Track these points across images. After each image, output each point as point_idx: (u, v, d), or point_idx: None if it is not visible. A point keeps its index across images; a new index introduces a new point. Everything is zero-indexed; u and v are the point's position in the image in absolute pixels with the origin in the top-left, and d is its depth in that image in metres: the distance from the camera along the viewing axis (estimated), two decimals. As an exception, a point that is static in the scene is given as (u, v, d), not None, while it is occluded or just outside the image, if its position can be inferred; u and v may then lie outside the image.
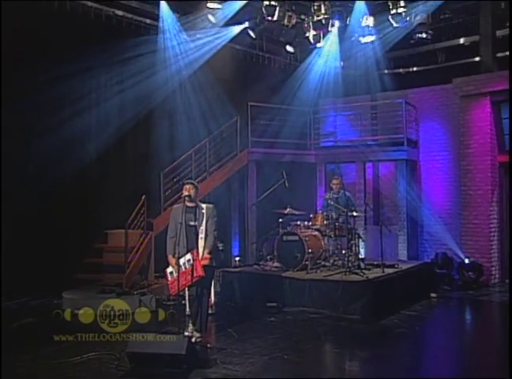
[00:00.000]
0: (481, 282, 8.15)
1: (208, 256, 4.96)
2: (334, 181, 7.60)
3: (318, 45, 9.26)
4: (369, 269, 6.94)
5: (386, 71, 9.98)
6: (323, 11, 8.57)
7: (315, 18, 8.72)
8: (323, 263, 7.17)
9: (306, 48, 9.65)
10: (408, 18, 8.38)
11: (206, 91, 8.80)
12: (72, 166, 7.31)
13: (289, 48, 9.41)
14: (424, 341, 5.42)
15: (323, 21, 8.72)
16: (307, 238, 7.05)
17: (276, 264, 7.31)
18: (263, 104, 9.48)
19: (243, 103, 9.32)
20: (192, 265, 4.76)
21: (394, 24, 8.49)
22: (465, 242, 8.63)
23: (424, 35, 8.60)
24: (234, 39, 9.06)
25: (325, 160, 9.99)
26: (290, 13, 8.45)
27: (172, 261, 4.91)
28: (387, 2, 8.30)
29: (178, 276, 4.75)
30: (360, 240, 7.53)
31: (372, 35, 8.88)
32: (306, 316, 6.18)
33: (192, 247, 4.91)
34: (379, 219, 9.08)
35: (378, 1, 8.55)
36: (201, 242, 4.96)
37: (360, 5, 8.64)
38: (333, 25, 8.98)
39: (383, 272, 6.82)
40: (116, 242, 7.21)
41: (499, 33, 8.70)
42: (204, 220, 5.01)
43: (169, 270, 4.99)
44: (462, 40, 9.43)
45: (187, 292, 5.43)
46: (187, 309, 5.55)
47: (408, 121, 9.35)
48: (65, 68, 6.69)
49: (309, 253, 6.90)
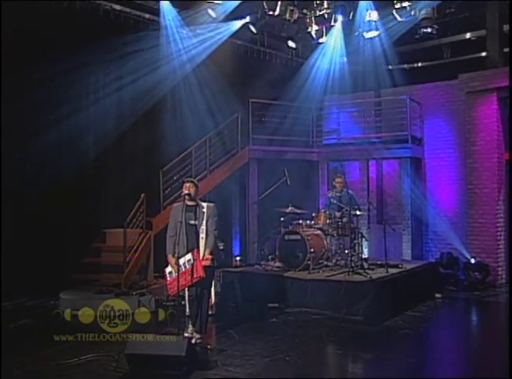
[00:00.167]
0: (487, 282, 8.13)
1: (209, 256, 4.96)
2: (337, 179, 7.59)
3: (321, 40, 9.23)
4: (372, 269, 6.94)
5: (390, 67, 9.94)
6: (326, 5, 8.56)
7: (318, 13, 8.70)
8: (325, 263, 7.17)
9: (308, 43, 9.61)
10: (413, 12, 8.34)
11: (206, 87, 8.80)
12: (70, 164, 7.32)
13: (291, 43, 9.37)
14: (429, 343, 5.41)
15: (326, 16, 8.70)
16: (309, 238, 7.04)
17: (277, 263, 7.31)
18: (264, 101, 9.47)
19: (244, 100, 9.31)
20: (192, 265, 4.75)
21: (399, 19, 8.46)
22: (471, 242, 8.61)
23: (429, 29, 8.55)
24: (234, 34, 9.04)
25: (327, 158, 9.98)
26: (292, 8, 8.42)
27: (172, 261, 4.90)
28: (391, -4, 8.28)
29: (177, 276, 4.74)
30: (363, 239, 7.51)
31: (376, 30, 8.85)
32: (308, 317, 6.18)
33: (192, 247, 4.90)
34: (383, 218, 9.04)
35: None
36: (202, 242, 4.96)
37: (364, -1, 8.61)
38: (336, 20, 8.94)
39: (387, 272, 6.82)
40: (115, 242, 7.22)
41: (506, 28, 8.64)
42: (204, 219, 5.00)
43: (168, 270, 4.98)
44: (468, 35, 9.38)
45: (187, 292, 5.46)
46: (187, 309, 5.58)
47: (413, 118, 9.34)
48: (62, 64, 6.67)
49: (311, 253, 6.89)
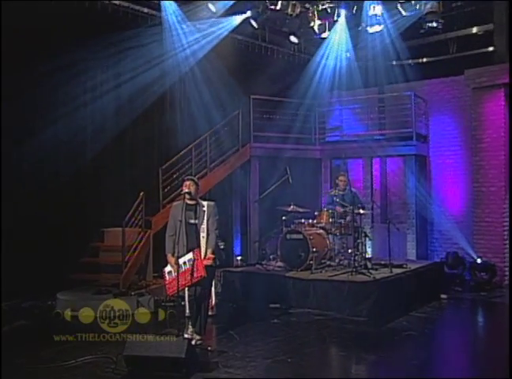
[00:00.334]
0: (494, 283, 8.11)
1: (211, 256, 4.96)
2: (340, 177, 7.59)
3: (324, 35, 9.19)
4: (376, 269, 6.93)
5: (395, 62, 9.90)
6: (329, -1, 8.52)
7: (320, 7, 8.67)
8: (328, 262, 7.17)
9: (310, 39, 9.57)
10: (418, 6, 8.30)
11: (207, 83, 8.78)
12: (68, 162, 7.33)
13: (293, 39, 9.34)
14: (434, 344, 5.40)
15: (329, 10, 8.67)
16: (312, 237, 7.03)
17: (279, 263, 7.31)
18: (266, 97, 9.45)
19: (245, 96, 9.29)
20: (193, 265, 4.74)
21: (403, 13, 8.43)
22: (477, 241, 8.59)
23: (435, 23, 8.50)
24: (235, 30, 9.01)
25: (330, 156, 9.96)
26: (294, 2, 8.39)
27: (171, 260, 4.90)
28: (396, -10, 8.25)
29: (177, 276, 4.73)
30: (367, 239, 7.52)
31: (380, 24, 8.81)
32: (310, 317, 6.17)
33: (192, 246, 4.90)
34: (387, 216, 9.03)
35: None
36: (203, 242, 4.95)
37: (368, -8, 8.57)
38: (339, 15, 8.91)
39: (391, 272, 6.82)
40: (113, 241, 7.22)
41: (514, 22, 8.61)
42: (205, 218, 5.00)
43: (167, 269, 4.98)
44: (475, 29, 9.31)
45: (187, 293, 5.45)
46: (187, 310, 5.58)
47: (418, 114, 9.31)
48: (59, 61, 6.65)
49: (313, 252, 6.89)
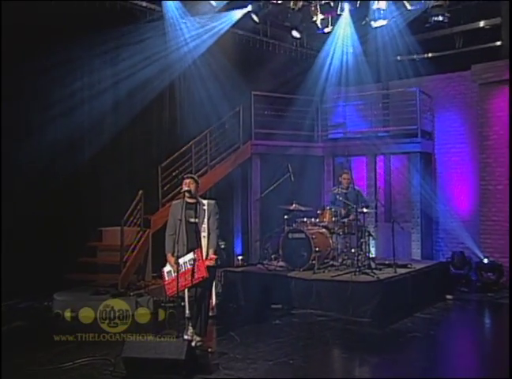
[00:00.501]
0: (501, 283, 8.07)
1: (213, 256, 4.95)
2: (344, 175, 7.57)
3: (326, 30, 9.16)
4: (380, 269, 6.92)
5: (399, 57, 9.87)
6: (332, -7, 8.49)
7: (323, 1, 8.63)
8: (331, 262, 7.16)
9: (313, 33, 9.54)
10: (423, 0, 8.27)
11: (207, 79, 8.75)
12: (64, 160, 7.31)
13: (295, 33, 9.32)
14: (439, 346, 5.38)
15: (331, 4, 8.63)
16: (314, 236, 7.02)
17: (281, 263, 7.30)
18: (267, 93, 9.43)
19: (246, 92, 9.28)
20: (193, 265, 4.73)
21: (408, 7, 8.39)
22: (484, 241, 8.57)
23: (441, 18, 8.46)
24: (236, 24, 8.98)
25: (333, 153, 9.94)
26: (296, -4, 8.37)
27: (171, 260, 4.89)
28: (400, -17, 8.21)
29: (177, 276, 4.72)
30: (371, 238, 7.52)
31: (384, 18, 8.78)
32: (313, 318, 6.17)
33: (192, 245, 4.89)
34: (391, 215, 9.03)
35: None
36: (204, 241, 4.95)
37: (371, -14, 8.54)
38: (343, 9, 8.88)
39: (395, 273, 6.81)
40: (111, 240, 7.21)
41: (522, 16, 8.57)
42: (205, 217, 4.99)
43: (166, 269, 4.97)
44: (482, 23, 9.25)
45: (187, 293, 5.43)
46: (187, 311, 5.55)
47: (423, 111, 9.28)
48: (55, 58, 6.66)
49: (316, 252, 6.88)
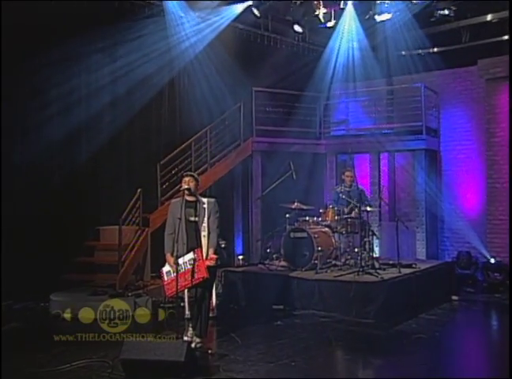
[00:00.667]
0: (508, 284, 8.07)
1: (214, 256, 4.94)
2: (347, 173, 7.56)
3: (329, 24, 9.14)
4: (384, 269, 6.91)
5: (404, 52, 9.84)
6: (335, -14, 8.47)
7: (325, -6, 8.62)
8: (334, 262, 7.15)
9: (315, 28, 9.53)
10: (429, -7, 8.26)
11: (207, 75, 8.74)
12: (62, 158, 7.32)
13: (297, 28, 9.30)
14: (444, 348, 5.37)
15: (334, -3, 8.62)
16: (317, 235, 7.02)
17: (282, 263, 7.30)
18: (269, 89, 9.42)
19: (247, 88, 9.26)
20: (193, 265, 4.73)
21: (413, 0, 8.36)
22: (491, 240, 8.57)
23: (447, 11, 8.45)
24: (237, 18, 8.96)
25: (336, 151, 9.93)
26: (298, -11, 8.36)
27: (170, 260, 4.89)
28: (405, -25, 8.19)
29: (176, 277, 4.72)
30: (374, 237, 7.51)
31: (389, 12, 8.75)
32: (315, 319, 6.17)
33: (192, 245, 4.89)
34: (395, 214, 9.01)
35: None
36: (204, 241, 4.94)
37: (376, -21, 8.53)
38: (346, 2, 8.86)
39: (399, 273, 6.79)
40: (109, 240, 7.21)
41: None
42: (205, 216, 4.98)
43: (165, 269, 4.97)
44: (489, 17, 9.21)
45: (187, 294, 5.44)
46: (186, 311, 5.56)
47: (428, 107, 9.27)
48: (52, 55, 6.67)
49: (318, 252, 6.87)
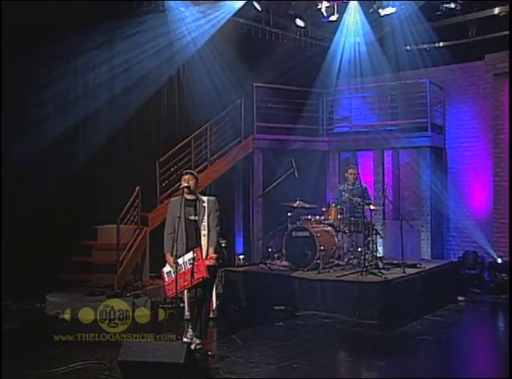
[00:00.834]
0: (514, 284, 8.07)
1: (214, 255, 4.95)
2: (350, 170, 7.56)
3: (332, 18, 9.12)
4: (388, 269, 6.91)
5: (408, 47, 9.81)
6: (337, -21, 8.46)
7: (329, -12, 8.60)
8: (337, 262, 7.14)
9: (318, 22, 9.51)
10: (435, -14, 8.23)
11: (207, 71, 8.74)
12: (58, 155, 7.31)
13: (299, 22, 9.29)
14: (450, 350, 5.37)
15: (337, -9, 8.60)
16: (319, 234, 7.02)
17: (284, 262, 7.30)
18: (270, 85, 9.40)
19: (248, 84, 9.25)
20: (193, 265, 4.73)
21: (418, -6, 8.36)
22: (498, 240, 8.55)
23: (453, 4, 8.42)
24: (237, 13, 8.94)
25: (339, 148, 9.92)
26: (300, -18, 8.34)
27: (170, 260, 4.88)
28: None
29: (176, 277, 4.72)
30: (378, 236, 7.51)
31: (393, 6, 8.73)
32: (317, 320, 6.16)
33: (192, 244, 4.89)
34: (399, 213, 9.02)
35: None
36: (204, 240, 4.94)
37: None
38: (349, -4, 8.86)
39: (404, 273, 6.79)
40: (107, 239, 7.22)
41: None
42: (205, 215, 4.98)
43: (166, 270, 4.97)
44: (497, 10, 9.16)
45: (187, 294, 5.45)
46: (186, 312, 5.58)
47: (433, 103, 9.24)
48: (49, 51, 6.67)
49: (321, 251, 6.87)
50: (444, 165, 9.47)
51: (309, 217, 7.39)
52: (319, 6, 8.87)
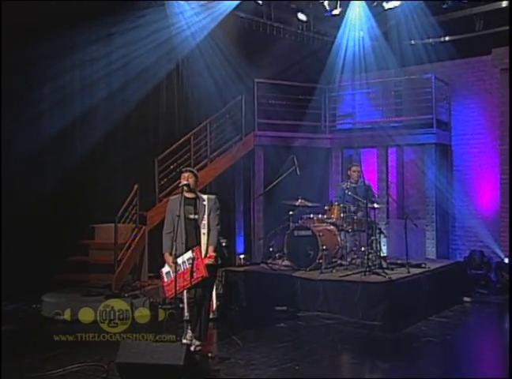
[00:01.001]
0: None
1: (213, 254, 4.94)
2: (353, 168, 7.55)
3: (335, 12, 9.12)
4: (392, 269, 6.91)
5: (413, 42, 9.79)
6: (340, -28, 8.44)
7: (331, -20, 8.60)
8: (339, 261, 7.14)
9: (320, 16, 9.50)
10: (440, -22, 8.21)
11: (206, 66, 8.74)
12: (54, 152, 7.31)
13: (301, 16, 9.28)
14: (456, 352, 5.36)
15: (340, -16, 8.59)
16: (321, 233, 7.01)
17: (285, 262, 7.30)
18: (271, 81, 9.38)
19: (249, 80, 9.24)
20: (192, 264, 4.73)
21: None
22: (505, 239, 8.53)
23: (459, -3, 8.41)
24: (238, 6, 8.93)
25: (342, 145, 9.91)
26: (302, -25, 8.32)
27: (169, 260, 4.88)
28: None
29: (175, 277, 4.72)
30: (382, 236, 7.50)
31: (397, -1, 8.73)
32: (320, 321, 6.16)
33: (192, 243, 4.89)
34: (404, 211, 8.99)
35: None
36: (204, 239, 4.94)
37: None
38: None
39: (408, 273, 6.78)
40: (104, 238, 7.21)
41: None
42: (205, 213, 4.98)
43: (165, 270, 4.97)
44: (504, 3, 9.14)
45: (186, 295, 5.45)
46: (186, 313, 5.57)
47: (439, 99, 9.22)
48: (46, 47, 6.66)
49: (323, 250, 6.87)
50: (450, 162, 9.46)
51: (311, 216, 7.38)
52: (321, 0, 8.86)
